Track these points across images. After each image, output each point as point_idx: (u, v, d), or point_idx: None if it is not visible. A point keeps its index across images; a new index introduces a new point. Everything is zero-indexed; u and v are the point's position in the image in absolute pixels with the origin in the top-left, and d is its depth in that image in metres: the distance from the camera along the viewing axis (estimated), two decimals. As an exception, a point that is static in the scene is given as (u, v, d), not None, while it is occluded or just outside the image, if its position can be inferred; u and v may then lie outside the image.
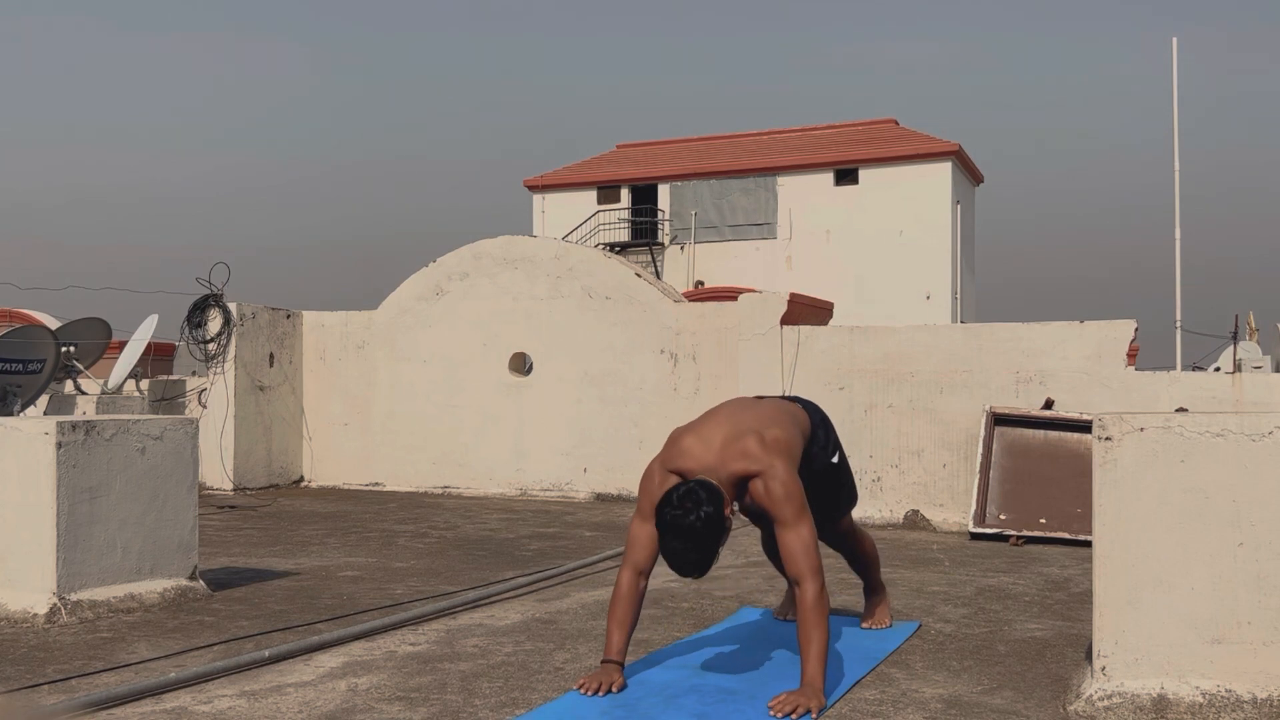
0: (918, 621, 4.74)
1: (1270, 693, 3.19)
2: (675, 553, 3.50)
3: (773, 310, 8.75)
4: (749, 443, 3.68)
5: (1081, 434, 7.72)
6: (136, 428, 5.09)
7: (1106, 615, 3.36)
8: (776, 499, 3.62)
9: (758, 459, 3.65)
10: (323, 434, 10.87)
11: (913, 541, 7.40)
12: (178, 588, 5.18)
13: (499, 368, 10.23)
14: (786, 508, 3.61)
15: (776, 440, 3.73)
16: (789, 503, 3.61)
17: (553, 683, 3.77)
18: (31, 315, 17.36)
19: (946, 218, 33.47)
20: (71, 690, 3.64)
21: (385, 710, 3.44)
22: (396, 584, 5.63)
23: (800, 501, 3.64)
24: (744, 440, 3.70)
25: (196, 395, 10.53)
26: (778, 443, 3.73)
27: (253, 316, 10.44)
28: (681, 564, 3.52)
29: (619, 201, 37.14)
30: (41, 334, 11.01)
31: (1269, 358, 20.51)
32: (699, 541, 3.47)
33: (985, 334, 8.20)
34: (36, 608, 4.67)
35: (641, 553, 3.74)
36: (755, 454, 3.66)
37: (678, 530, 3.48)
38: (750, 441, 3.68)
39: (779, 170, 35.21)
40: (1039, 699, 3.59)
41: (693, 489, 3.52)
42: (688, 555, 3.49)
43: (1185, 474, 3.29)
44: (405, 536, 7.42)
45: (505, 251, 10.28)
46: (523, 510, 9.01)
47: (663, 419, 9.51)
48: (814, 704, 3.37)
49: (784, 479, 3.64)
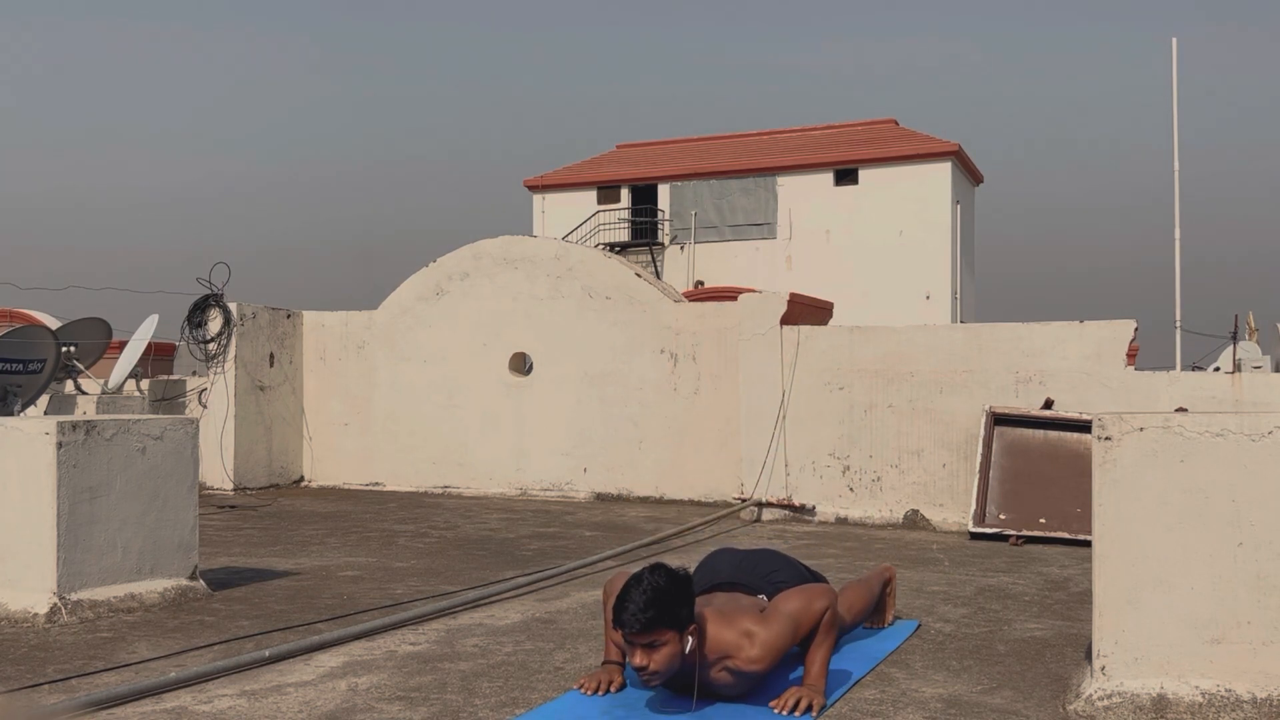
0: (917, 621, 4.74)
1: (1270, 693, 3.19)
2: (628, 593, 3.30)
3: (773, 310, 8.75)
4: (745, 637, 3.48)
5: (1081, 434, 7.72)
6: (137, 428, 5.09)
7: (1106, 615, 3.36)
8: (758, 651, 3.44)
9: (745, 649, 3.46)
10: (323, 434, 10.87)
11: (913, 541, 7.40)
12: (178, 587, 5.18)
13: (499, 368, 10.23)
14: (773, 643, 3.46)
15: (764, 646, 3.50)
16: (770, 647, 3.45)
17: (553, 682, 3.77)
18: (31, 315, 17.36)
19: (946, 218, 33.47)
20: (71, 690, 3.64)
21: (385, 710, 3.44)
22: (396, 584, 5.63)
23: (780, 628, 3.49)
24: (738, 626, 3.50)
25: (197, 395, 10.53)
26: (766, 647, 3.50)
27: (253, 316, 10.44)
28: (629, 604, 3.27)
29: (619, 201, 37.13)
30: (41, 334, 11.02)
31: (1269, 358, 20.52)
32: (654, 595, 3.26)
33: (985, 334, 8.20)
34: (37, 607, 4.67)
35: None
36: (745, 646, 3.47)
37: (638, 580, 3.33)
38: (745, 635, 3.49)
39: (779, 170, 35.20)
40: (1039, 699, 3.59)
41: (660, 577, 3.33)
42: (638, 599, 3.27)
43: (1185, 474, 3.29)
44: (405, 536, 7.42)
45: (505, 251, 10.28)
46: (523, 510, 9.01)
47: (663, 419, 9.52)
48: (816, 699, 3.41)
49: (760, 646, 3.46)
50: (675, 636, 3.29)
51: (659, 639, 3.26)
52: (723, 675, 3.45)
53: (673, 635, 3.28)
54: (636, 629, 3.24)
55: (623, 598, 3.29)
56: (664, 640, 3.27)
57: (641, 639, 3.26)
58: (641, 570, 3.37)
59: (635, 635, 3.26)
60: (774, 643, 3.44)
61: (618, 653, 3.70)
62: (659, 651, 3.27)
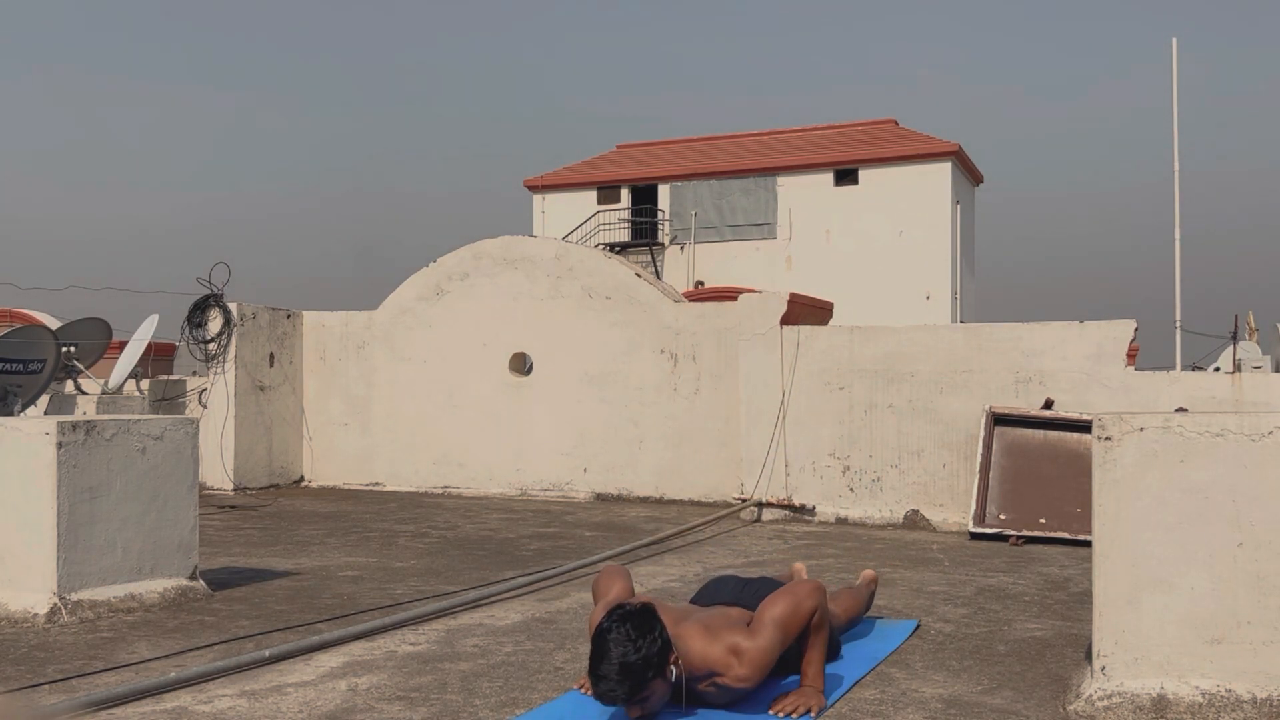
0: (917, 621, 4.74)
1: (1270, 693, 3.19)
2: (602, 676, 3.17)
3: (773, 310, 8.75)
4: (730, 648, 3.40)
5: (1081, 434, 7.72)
6: (137, 428, 5.09)
7: (1106, 615, 3.36)
8: (745, 662, 3.36)
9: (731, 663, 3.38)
10: (323, 434, 10.87)
11: (913, 541, 7.40)
12: (178, 588, 5.18)
13: (499, 368, 10.23)
14: (762, 653, 3.38)
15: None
16: (762, 653, 3.38)
17: (553, 682, 3.77)
18: (31, 315, 17.37)
19: (946, 218, 33.48)
20: (71, 690, 3.64)
21: (385, 710, 3.44)
22: (397, 584, 5.63)
23: (767, 635, 3.41)
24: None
25: (197, 395, 10.54)
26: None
27: (253, 316, 10.44)
28: (601, 682, 3.16)
29: (619, 202, 37.15)
30: (41, 334, 11.02)
31: (1269, 358, 20.52)
32: (624, 669, 3.15)
33: (985, 334, 8.20)
34: (37, 607, 4.67)
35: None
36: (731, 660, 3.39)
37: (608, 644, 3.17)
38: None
39: (779, 170, 35.22)
40: (1039, 699, 3.59)
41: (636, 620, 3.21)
42: (610, 675, 3.14)
43: (1185, 474, 3.29)
44: (405, 536, 7.42)
45: (505, 251, 10.28)
46: (523, 510, 9.01)
47: (663, 419, 9.52)
48: (815, 703, 3.40)
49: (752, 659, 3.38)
50: (659, 681, 3.21)
51: (644, 695, 3.20)
52: (710, 690, 3.38)
53: (656, 683, 3.20)
54: (620, 702, 3.18)
55: (594, 670, 3.16)
56: (648, 693, 3.20)
57: (629, 708, 3.22)
58: (602, 628, 3.19)
59: (628, 710, 3.23)
60: (762, 658, 3.34)
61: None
62: (649, 701, 3.22)
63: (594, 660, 3.17)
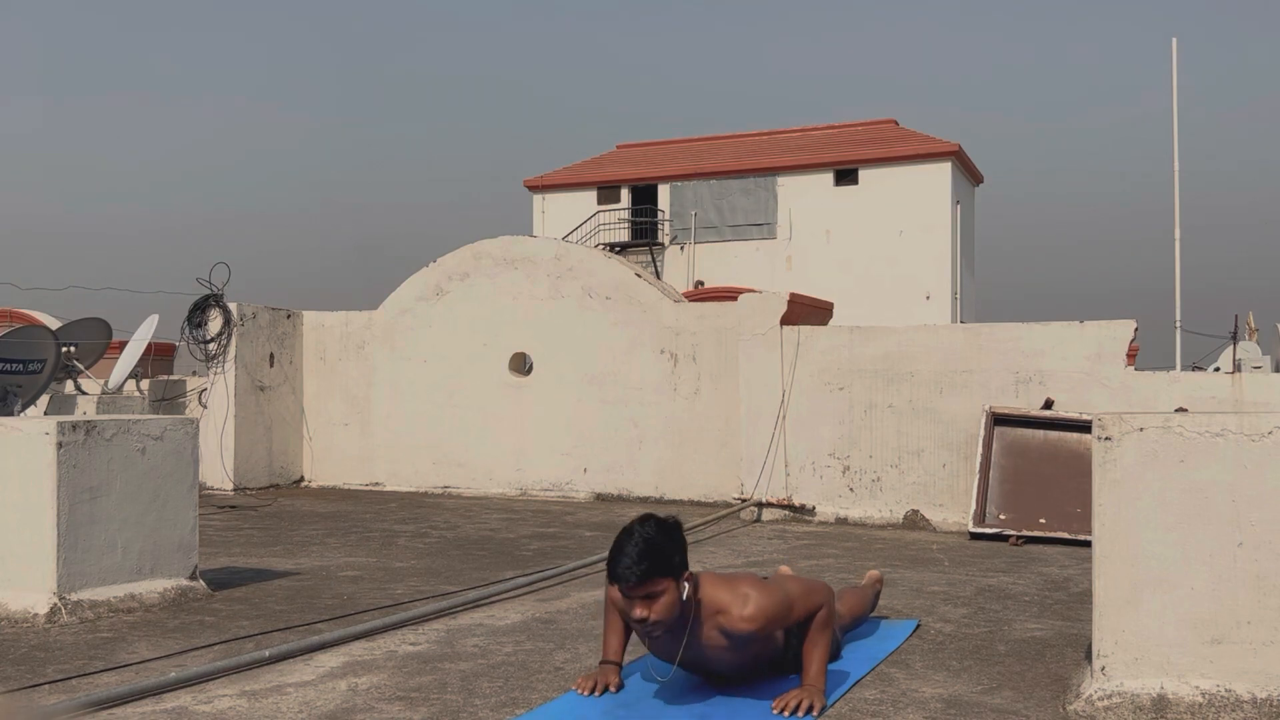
0: (917, 621, 4.74)
1: (1270, 693, 3.19)
2: (620, 546, 3.34)
3: (773, 310, 8.75)
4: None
5: (1081, 434, 7.72)
6: (137, 428, 5.09)
7: (1106, 615, 3.36)
8: (757, 627, 3.43)
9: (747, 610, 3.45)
10: (323, 434, 10.87)
11: (913, 541, 7.40)
12: (178, 588, 5.18)
13: (499, 368, 10.23)
14: (772, 616, 3.44)
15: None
16: (771, 617, 3.45)
17: (553, 682, 3.77)
18: (31, 315, 17.38)
19: (946, 218, 33.46)
20: (71, 690, 3.64)
21: (385, 710, 3.44)
22: (397, 584, 5.63)
23: (780, 599, 3.47)
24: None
25: (197, 395, 10.54)
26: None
27: (253, 316, 10.44)
28: (622, 558, 3.30)
29: (619, 202, 37.13)
30: (41, 334, 11.03)
31: (1269, 358, 20.54)
32: (646, 547, 3.31)
33: (985, 334, 8.20)
34: (37, 608, 4.67)
35: None
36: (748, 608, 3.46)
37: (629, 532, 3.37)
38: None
39: (779, 170, 35.20)
40: (1039, 699, 3.59)
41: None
42: (630, 553, 3.30)
43: (1185, 474, 3.29)
44: (405, 536, 7.42)
45: (505, 252, 10.28)
46: (523, 510, 9.01)
47: (662, 419, 9.52)
48: (816, 701, 3.40)
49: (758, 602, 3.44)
50: (672, 584, 3.32)
51: (655, 589, 3.29)
52: (714, 636, 3.44)
53: (669, 583, 3.32)
54: (632, 581, 3.27)
55: (615, 552, 3.32)
56: (661, 589, 3.30)
57: (638, 591, 3.29)
58: (631, 523, 3.40)
59: (632, 588, 3.29)
60: (769, 608, 3.40)
61: (615, 652, 3.70)
62: (657, 601, 3.30)
63: (617, 543, 3.34)
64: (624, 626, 3.71)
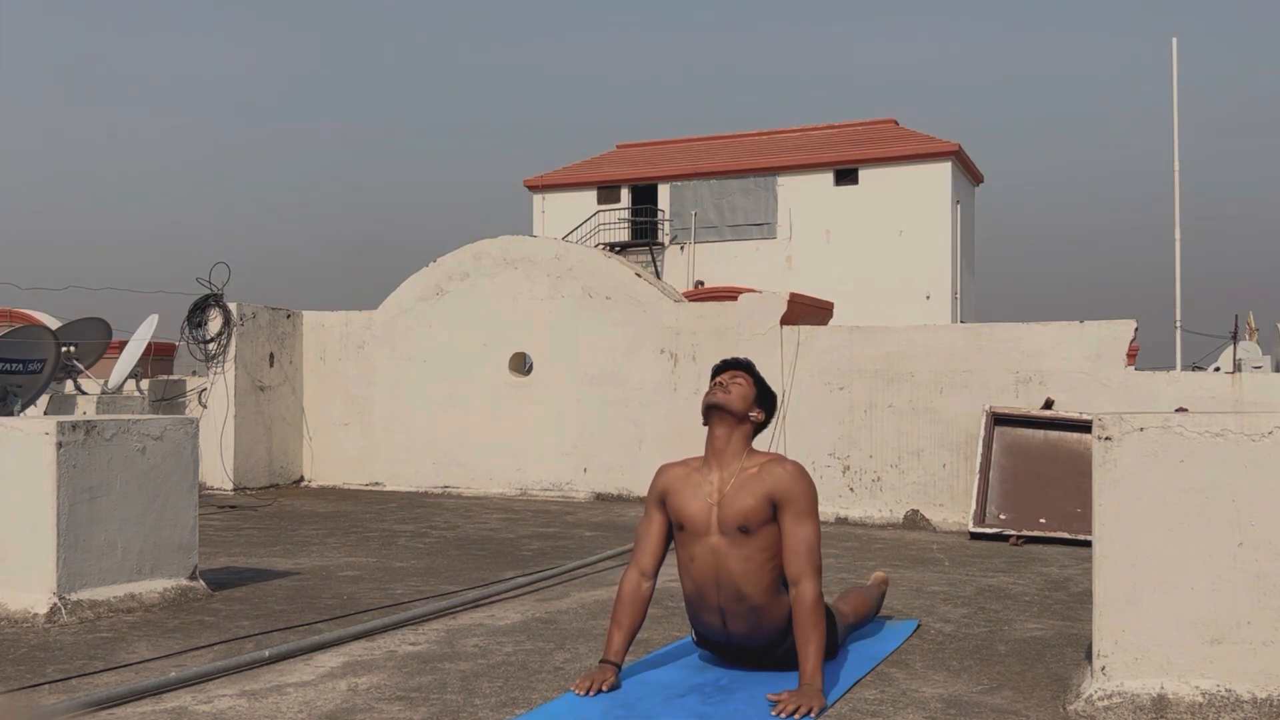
0: (917, 621, 4.74)
1: (1270, 693, 3.19)
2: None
3: (773, 310, 8.75)
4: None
5: (1081, 434, 7.72)
6: (136, 428, 5.09)
7: (1106, 615, 3.36)
8: (795, 492, 3.68)
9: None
10: (323, 434, 10.87)
11: (913, 541, 7.40)
12: (178, 588, 5.18)
13: (499, 368, 10.23)
14: (804, 501, 3.69)
15: None
16: (807, 499, 3.69)
17: (553, 683, 3.77)
18: (31, 315, 17.39)
19: (946, 218, 33.46)
20: (71, 690, 3.64)
21: (385, 710, 3.44)
22: (397, 584, 5.63)
23: (815, 504, 3.74)
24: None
25: (197, 395, 10.53)
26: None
27: (253, 316, 10.44)
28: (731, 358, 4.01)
29: (619, 201, 37.12)
30: (41, 334, 11.03)
31: (1269, 358, 20.54)
32: (751, 362, 3.98)
33: (985, 334, 8.20)
34: (36, 607, 4.67)
35: (647, 555, 3.81)
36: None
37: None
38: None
39: (779, 170, 35.20)
40: (1039, 699, 3.59)
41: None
42: (740, 359, 4.00)
43: (1185, 474, 3.29)
44: (405, 536, 7.42)
45: (505, 252, 10.28)
46: (523, 510, 9.01)
47: (663, 419, 9.51)
48: (815, 704, 3.38)
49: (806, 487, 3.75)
50: (752, 389, 3.87)
51: (740, 380, 3.87)
52: (743, 495, 3.73)
53: (751, 388, 3.87)
54: (731, 366, 3.91)
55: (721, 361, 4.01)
56: (743, 381, 3.87)
57: (730, 376, 3.89)
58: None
59: (724, 374, 3.90)
60: (807, 478, 3.73)
61: (616, 652, 3.70)
62: (734, 391, 3.85)
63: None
64: (628, 625, 3.71)
